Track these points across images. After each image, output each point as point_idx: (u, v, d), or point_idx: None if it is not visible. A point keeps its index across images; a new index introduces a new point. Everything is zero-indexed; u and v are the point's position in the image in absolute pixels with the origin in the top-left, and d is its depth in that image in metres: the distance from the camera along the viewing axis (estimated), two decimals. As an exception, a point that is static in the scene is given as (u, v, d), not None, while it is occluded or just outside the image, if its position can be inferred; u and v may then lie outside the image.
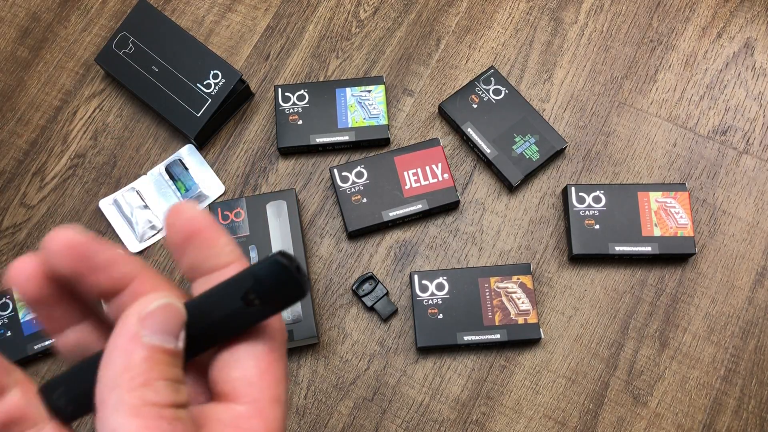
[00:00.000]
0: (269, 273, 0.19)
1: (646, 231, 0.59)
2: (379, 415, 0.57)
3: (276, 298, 0.19)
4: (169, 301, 0.19)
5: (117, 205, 0.64)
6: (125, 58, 0.65)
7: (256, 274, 0.19)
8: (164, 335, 0.18)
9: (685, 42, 0.67)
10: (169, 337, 0.18)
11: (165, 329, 0.18)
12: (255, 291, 0.19)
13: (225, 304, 0.19)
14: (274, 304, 0.19)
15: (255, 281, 0.19)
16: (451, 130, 0.65)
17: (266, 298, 0.19)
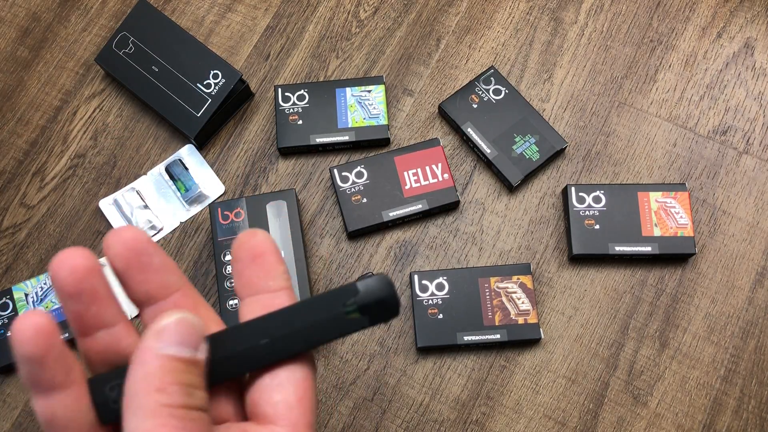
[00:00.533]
0: (374, 287, 0.21)
1: (646, 231, 0.59)
2: (379, 415, 0.57)
3: (374, 312, 0.22)
4: (183, 316, 0.20)
5: (117, 205, 0.64)
6: (125, 58, 0.65)
7: (361, 288, 0.22)
8: (178, 346, 0.20)
9: (685, 42, 0.67)
10: (184, 348, 0.20)
11: (179, 341, 0.20)
12: (358, 302, 0.21)
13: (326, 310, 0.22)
14: (372, 317, 0.22)
15: (361, 293, 0.21)
16: (451, 130, 0.65)
17: (365, 310, 0.22)
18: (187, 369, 0.20)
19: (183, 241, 0.63)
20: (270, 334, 0.22)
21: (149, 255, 0.21)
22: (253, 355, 0.22)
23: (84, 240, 0.63)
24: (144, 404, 0.19)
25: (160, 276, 0.22)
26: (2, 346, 0.58)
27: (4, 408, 0.59)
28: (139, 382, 0.19)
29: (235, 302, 0.58)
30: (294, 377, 0.22)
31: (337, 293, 0.22)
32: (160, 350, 0.19)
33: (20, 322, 0.19)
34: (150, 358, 0.19)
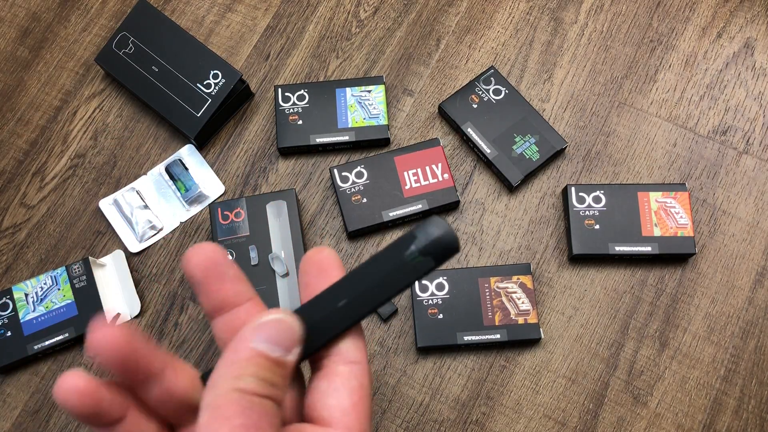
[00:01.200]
0: (430, 229, 0.22)
1: (646, 231, 0.59)
2: (379, 415, 0.57)
3: (436, 251, 0.22)
4: (283, 317, 0.22)
5: (117, 205, 0.64)
6: (125, 58, 0.65)
7: (418, 232, 0.22)
8: (271, 344, 0.21)
9: (685, 42, 0.67)
10: (276, 348, 0.21)
11: (273, 339, 0.21)
12: (418, 246, 0.22)
13: (390, 263, 0.23)
14: (435, 257, 0.22)
15: (419, 237, 0.22)
16: (451, 130, 0.65)
17: (427, 252, 0.22)
18: (272, 368, 0.21)
19: (183, 241, 0.63)
20: (347, 295, 0.23)
21: (226, 266, 0.23)
22: (336, 317, 0.23)
23: (84, 240, 0.63)
24: (220, 384, 0.20)
25: (234, 285, 0.23)
26: (2, 346, 0.58)
27: (4, 408, 0.59)
28: (224, 365, 0.21)
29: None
30: (350, 384, 0.23)
31: (397, 244, 0.23)
32: (253, 343, 0.21)
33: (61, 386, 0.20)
34: (242, 348, 0.21)
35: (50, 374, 0.59)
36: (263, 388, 0.20)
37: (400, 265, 0.23)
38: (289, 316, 0.22)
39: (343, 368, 0.23)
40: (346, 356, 0.23)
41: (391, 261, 0.23)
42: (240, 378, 0.20)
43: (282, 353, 0.21)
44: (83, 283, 0.59)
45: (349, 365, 0.23)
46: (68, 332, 0.58)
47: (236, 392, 0.20)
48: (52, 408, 0.59)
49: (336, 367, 0.23)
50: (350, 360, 0.23)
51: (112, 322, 0.20)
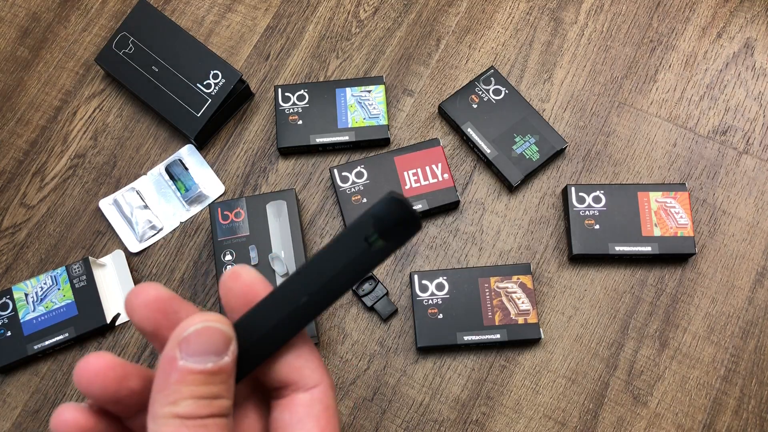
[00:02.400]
0: (387, 210, 0.21)
1: (646, 231, 0.59)
2: (379, 415, 0.57)
3: (396, 233, 0.21)
4: (205, 324, 0.20)
5: (117, 205, 0.64)
6: (125, 58, 0.65)
7: (375, 214, 0.21)
8: (199, 356, 0.20)
9: (685, 42, 0.67)
10: (206, 358, 0.20)
11: (201, 350, 0.20)
12: (377, 230, 0.21)
13: (350, 249, 0.21)
14: (395, 239, 0.21)
15: (375, 220, 0.21)
16: (451, 130, 0.65)
17: (387, 234, 0.21)
18: (207, 380, 0.20)
19: (183, 241, 0.63)
20: (308, 292, 0.22)
21: (175, 311, 0.21)
22: (297, 315, 0.22)
23: (84, 240, 0.63)
24: (158, 413, 0.19)
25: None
26: (2, 346, 0.58)
27: (4, 408, 0.59)
28: (158, 391, 0.19)
29: (235, 302, 0.58)
30: (313, 411, 0.21)
31: (354, 230, 0.21)
32: (181, 362, 0.19)
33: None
34: (170, 369, 0.19)
35: (50, 374, 0.59)
36: (204, 408, 0.19)
37: (361, 252, 0.21)
38: (211, 318, 0.20)
39: (303, 396, 0.22)
40: (304, 383, 0.22)
41: (351, 248, 0.21)
42: (176, 403, 0.19)
43: (214, 360, 0.20)
44: (83, 283, 0.59)
45: (308, 391, 0.22)
46: (68, 332, 0.58)
47: (176, 419, 0.19)
48: (52, 408, 0.58)
49: (296, 396, 0.22)
50: (309, 386, 0.22)
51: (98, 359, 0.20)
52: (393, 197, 0.21)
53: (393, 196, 0.21)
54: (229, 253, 0.60)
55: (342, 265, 0.21)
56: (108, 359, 0.20)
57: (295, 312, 0.22)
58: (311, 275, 0.22)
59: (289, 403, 0.22)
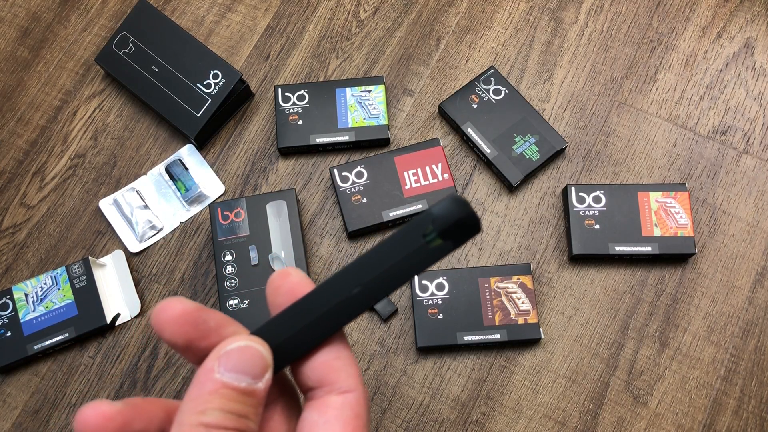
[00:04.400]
0: (450, 209, 0.21)
1: (646, 231, 0.59)
2: (379, 415, 0.57)
3: (456, 233, 0.21)
4: (248, 344, 0.21)
5: (117, 205, 0.64)
6: (125, 58, 0.65)
7: (436, 213, 0.21)
8: (237, 374, 0.20)
9: (685, 42, 0.67)
10: (243, 377, 0.20)
11: (239, 369, 0.20)
12: (436, 228, 0.21)
13: (407, 245, 0.21)
14: (455, 239, 0.21)
15: (435, 219, 0.21)
16: (451, 130, 0.65)
17: (447, 234, 0.21)
18: (240, 398, 0.20)
19: (183, 241, 0.63)
20: (360, 283, 0.22)
21: (204, 321, 0.21)
22: (348, 306, 0.22)
23: (84, 240, 0.63)
24: (185, 419, 0.19)
25: (220, 334, 0.22)
26: (2, 346, 0.58)
27: (4, 408, 0.59)
28: (189, 400, 0.20)
29: (235, 302, 0.58)
30: (343, 416, 0.21)
31: (414, 225, 0.21)
32: (217, 374, 0.20)
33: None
34: (206, 380, 0.20)
35: (50, 374, 0.59)
36: (230, 421, 0.19)
37: (417, 248, 0.21)
38: (255, 341, 0.21)
39: (335, 399, 0.22)
40: (339, 386, 0.22)
41: (408, 244, 0.21)
42: (204, 413, 0.19)
43: (250, 382, 0.20)
44: (83, 283, 0.59)
45: (342, 395, 0.22)
46: (68, 332, 0.58)
47: (201, 427, 0.19)
48: (52, 408, 0.59)
49: (328, 397, 0.22)
50: (343, 390, 0.22)
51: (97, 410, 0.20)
52: (456, 198, 0.21)
53: (456, 196, 0.21)
54: (229, 253, 0.60)
55: (397, 260, 0.21)
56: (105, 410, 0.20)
57: (345, 302, 0.22)
58: (365, 267, 0.22)
59: (320, 405, 0.22)
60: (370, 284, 0.22)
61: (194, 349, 0.21)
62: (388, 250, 0.21)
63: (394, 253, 0.21)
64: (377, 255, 0.22)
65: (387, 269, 0.21)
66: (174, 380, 0.59)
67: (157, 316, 0.21)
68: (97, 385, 0.59)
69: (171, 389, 0.58)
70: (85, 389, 0.59)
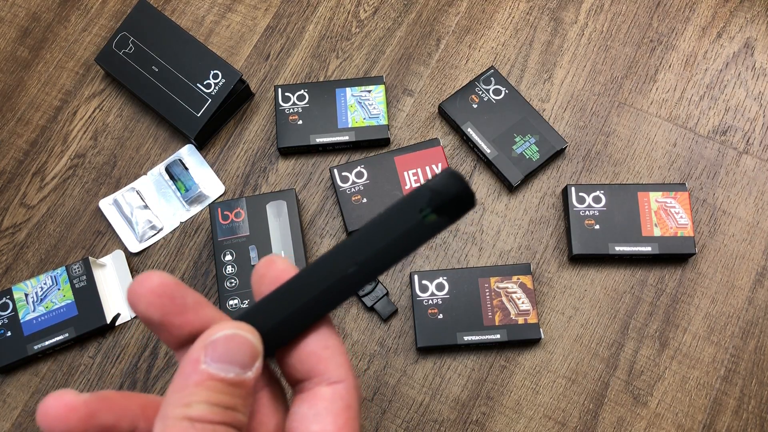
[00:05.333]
0: (444, 184, 0.20)
1: (646, 231, 0.59)
2: (379, 415, 0.57)
3: (451, 209, 0.21)
4: (236, 332, 0.20)
5: (117, 205, 0.64)
6: (125, 58, 0.65)
7: (431, 187, 0.21)
8: (224, 364, 0.19)
9: (685, 42, 0.67)
10: (230, 367, 0.19)
11: (226, 359, 0.19)
12: (431, 203, 0.21)
13: (402, 222, 0.21)
14: (450, 214, 0.21)
15: (431, 193, 0.20)
16: (451, 130, 0.65)
17: (442, 210, 0.21)
18: (227, 390, 0.19)
19: (183, 241, 0.63)
20: (356, 262, 0.21)
21: (182, 296, 0.20)
22: (345, 285, 0.21)
23: (84, 240, 0.63)
24: (169, 412, 0.18)
25: (198, 313, 0.21)
26: (2, 346, 0.58)
27: (4, 408, 0.59)
28: (174, 391, 0.19)
29: (235, 302, 0.58)
30: (334, 407, 0.21)
31: (408, 201, 0.21)
32: (203, 365, 0.19)
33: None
34: (191, 371, 0.19)
35: (50, 374, 0.59)
36: (217, 414, 0.18)
37: (413, 225, 0.21)
38: (244, 328, 0.20)
39: (325, 390, 0.21)
40: (328, 376, 0.21)
41: (403, 221, 0.21)
42: (190, 405, 0.18)
43: (238, 372, 0.19)
44: (83, 283, 0.59)
45: (332, 386, 0.21)
46: (68, 332, 0.58)
47: (185, 421, 0.18)
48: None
49: (318, 389, 0.21)
50: (333, 380, 0.21)
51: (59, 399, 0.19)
52: (451, 171, 0.20)
53: (452, 171, 0.21)
54: (229, 253, 0.60)
55: (394, 237, 0.21)
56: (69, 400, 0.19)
57: (341, 281, 0.21)
58: (361, 244, 0.21)
59: (310, 397, 0.21)
60: (366, 262, 0.21)
61: (168, 325, 0.20)
62: (384, 227, 0.21)
63: (390, 230, 0.21)
64: (372, 232, 0.21)
65: (384, 246, 0.21)
66: (174, 380, 0.59)
67: (133, 288, 0.20)
68: (97, 385, 0.59)
69: (171, 389, 0.58)
70: (85, 389, 0.59)
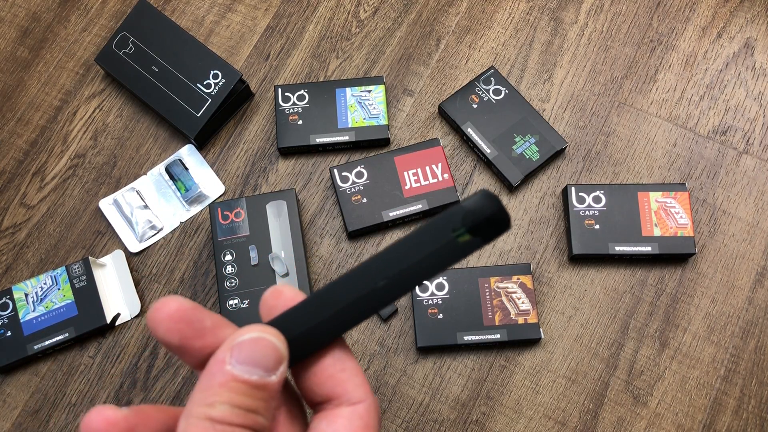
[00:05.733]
0: (480, 205, 0.20)
1: (646, 231, 0.59)
2: (379, 415, 0.57)
3: (485, 230, 0.21)
4: (262, 335, 0.20)
5: (117, 205, 0.64)
6: (125, 58, 0.65)
7: (467, 208, 0.21)
8: (249, 366, 0.19)
9: (685, 42, 0.67)
10: (255, 369, 0.19)
11: (251, 361, 0.20)
12: (466, 225, 0.20)
13: (436, 239, 0.21)
14: (484, 236, 0.21)
15: (466, 213, 0.20)
16: (451, 130, 0.65)
17: (476, 230, 0.21)
18: (250, 392, 0.19)
19: (183, 241, 0.63)
20: (386, 275, 0.21)
21: (200, 320, 0.21)
22: (373, 298, 0.22)
23: (84, 240, 0.63)
24: (193, 412, 0.19)
25: (216, 335, 0.21)
26: (2, 346, 0.58)
27: (4, 408, 0.59)
28: (199, 390, 0.19)
29: (235, 302, 0.58)
30: (352, 425, 0.21)
31: (443, 219, 0.21)
32: (228, 366, 0.19)
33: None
34: (216, 371, 0.19)
35: (50, 374, 0.59)
36: (238, 417, 0.19)
37: (445, 243, 0.21)
38: (270, 332, 0.20)
39: (345, 410, 0.21)
40: (348, 397, 0.21)
41: (436, 239, 0.21)
42: (212, 406, 0.19)
43: (262, 375, 0.20)
44: (83, 283, 0.59)
45: (352, 406, 0.21)
46: (68, 332, 0.58)
47: (207, 421, 0.18)
48: (52, 408, 0.59)
49: (338, 409, 0.21)
50: (353, 401, 0.21)
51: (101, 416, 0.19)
52: (487, 193, 0.20)
53: (487, 192, 0.21)
54: (229, 253, 0.60)
55: (426, 254, 0.21)
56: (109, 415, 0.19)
57: (369, 295, 0.22)
58: (392, 259, 0.21)
59: (329, 415, 0.21)
60: (395, 277, 0.21)
61: (189, 348, 0.21)
62: (416, 243, 0.21)
63: (421, 247, 0.21)
64: (404, 248, 0.21)
65: (414, 263, 0.21)
66: (174, 380, 0.59)
67: (152, 314, 0.20)
68: (97, 385, 0.59)
69: (171, 389, 0.58)
70: (85, 389, 0.59)
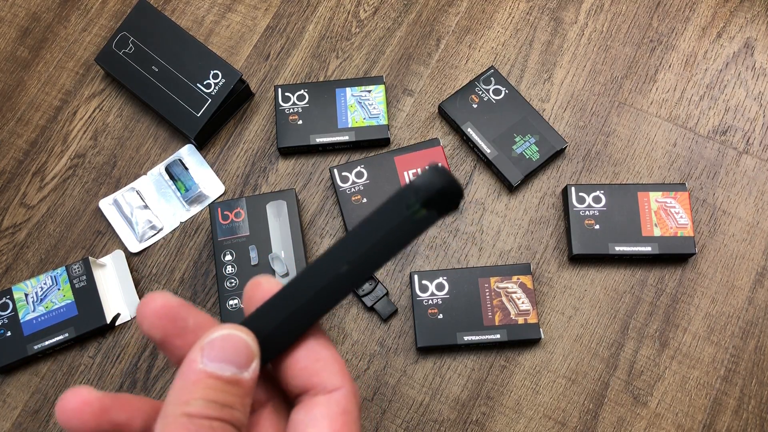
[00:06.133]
0: (431, 179, 0.20)
1: (646, 231, 0.59)
2: (379, 415, 0.57)
3: (439, 203, 0.21)
4: (231, 332, 0.20)
5: (117, 205, 0.64)
6: (125, 58, 0.65)
7: (417, 183, 0.21)
8: (221, 363, 0.20)
9: (685, 42, 0.67)
10: (227, 366, 0.20)
11: (222, 358, 0.20)
12: (420, 200, 0.20)
13: (391, 218, 0.21)
14: (438, 208, 0.21)
15: (417, 188, 0.20)
16: (451, 130, 0.65)
17: (430, 204, 0.21)
18: (225, 388, 0.20)
19: (183, 241, 0.63)
20: (348, 261, 0.21)
21: (183, 319, 0.21)
22: (339, 284, 0.22)
23: (84, 240, 0.63)
24: (169, 411, 0.19)
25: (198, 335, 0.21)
26: (2, 346, 0.58)
27: (4, 408, 0.59)
28: (173, 392, 0.19)
29: (235, 302, 0.58)
30: (330, 411, 0.21)
31: (397, 197, 0.21)
32: (200, 365, 0.20)
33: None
34: (189, 371, 0.20)
35: (50, 374, 0.59)
36: (214, 411, 0.19)
37: (402, 221, 0.21)
38: (239, 330, 0.21)
39: (322, 397, 0.21)
40: (324, 386, 0.22)
41: (391, 218, 0.21)
42: (188, 403, 0.19)
43: (235, 371, 0.20)
44: (83, 283, 0.59)
45: (328, 394, 0.22)
46: (68, 332, 0.58)
47: (184, 417, 0.19)
48: (52, 408, 0.59)
49: (315, 398, 0.22)
50: (329, 389, 0.22)
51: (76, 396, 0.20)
52: (437, 166, 0.21)
53: (436, 165, 0.21)
54: (229, 253, 0.60)
55: (383, 234, 0.21)
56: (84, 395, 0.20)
57: (333, 282, 0.22)
58: (352, 244, 0.21)
59: (307, 404, 0.22)
60: (357, 261, 0.21)
61: (169, 345, 0.21)
62: (373, 224, 0.21)
63: (379, 227, 0.21)
64: (363, 230, 0.21)
65: (374, 243, 0.21)
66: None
67: (139, 308, 0.21)
68: (97, 385, 0.59)
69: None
70: (85, 389, 0.59)
